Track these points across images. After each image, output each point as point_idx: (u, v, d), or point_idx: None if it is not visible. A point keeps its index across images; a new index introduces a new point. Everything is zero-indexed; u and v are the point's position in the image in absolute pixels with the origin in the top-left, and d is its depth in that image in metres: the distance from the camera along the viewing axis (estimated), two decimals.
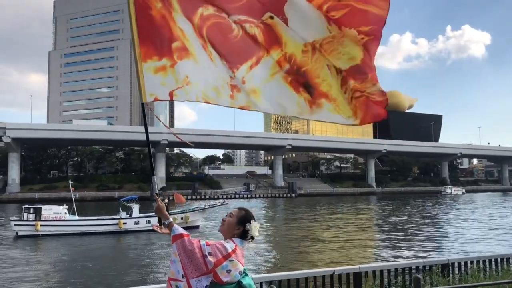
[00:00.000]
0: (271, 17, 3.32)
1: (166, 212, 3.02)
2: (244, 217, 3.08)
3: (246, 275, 2.97)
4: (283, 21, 3.35)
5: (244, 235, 3.05)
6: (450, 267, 7.40)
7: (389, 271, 6.85)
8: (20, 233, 30.56)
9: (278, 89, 3.34)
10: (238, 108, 3.35)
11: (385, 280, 6.73)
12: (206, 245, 2.86)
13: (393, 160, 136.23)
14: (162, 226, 3.02)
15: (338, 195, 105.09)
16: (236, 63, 3.30)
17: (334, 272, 6.15)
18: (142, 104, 3.25)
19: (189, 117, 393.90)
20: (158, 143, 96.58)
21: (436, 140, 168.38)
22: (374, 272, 6.65)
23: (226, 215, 3.16)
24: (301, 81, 3.40)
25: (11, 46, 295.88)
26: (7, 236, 31.11)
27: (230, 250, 2.88)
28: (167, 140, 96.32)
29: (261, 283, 5.51)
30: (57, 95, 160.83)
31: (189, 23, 3.22)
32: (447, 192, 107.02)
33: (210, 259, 2.80)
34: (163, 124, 3.86)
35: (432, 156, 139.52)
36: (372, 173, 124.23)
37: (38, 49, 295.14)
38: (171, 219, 2.99)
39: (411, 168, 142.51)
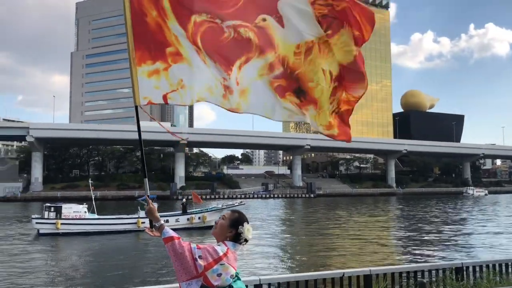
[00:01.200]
0: (264, 19, 3.31)
1: (157, 215, 3.02)
2: (237, 220, 3.03)
3: (238, 279, 2.93)
4: (278, 20, 3.33)
5: (237, 238, 3.00)
6: (465, 271, 7.26)
7: (400, 274, 6.76)
8: (41, 231, 31.09)
9: (265, 92, 3.34)
10: (228, 110, 3.34)
11: (397, 283, 6.65)
12: (197, 248, 2.83)
13: (414, 161, 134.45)
14: (153, 228, 3.01)
15: (357, 195, 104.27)
16: (229, 65, 3.31)
17: (344, 275, 6.08)
18: (136, 107, 3.29)
19: (208, 117, 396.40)
20: (177, 143, 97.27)
21: (458, 140, 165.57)
22: (385, 275, 6.55)
23: (219, 218, 3.12)
24: (294, 86, 3.38)
25: (36, 47, 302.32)
26: (29, 233, 31.72)
27: (221, 254, 2.84)
28: (186, 140, 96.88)
29: (269, 285, 5.49)
30: (79, 95, 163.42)
31: (183, 31, 3.25)
32: (469, 193, 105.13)
33: (200, 262, 2.77)
34: (151, 118, 3.94)
35: (453, 156, 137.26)
36: (392, 174, 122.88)
37: (62, 50, 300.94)
38: (162, 222, 2.98)
39: (432, 168, 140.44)
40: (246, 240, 3.05)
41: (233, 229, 3.00)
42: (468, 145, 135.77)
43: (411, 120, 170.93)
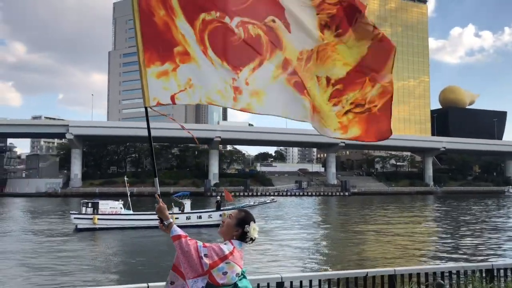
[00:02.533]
0: (273, 21, 3.33)
1: (167, 213, 3.07)
2: (243, 219, 3.07)
3: (244, 277, 2.96)
4: (285, 25, 3.35)
5: (243, 237, 3.04)
6: (495, 273, 7.03)
7: (426, 274, 6.62)
8: (79, 226, 32.09)
9: (283, 91, 3.33)
10: (239, 110, 3.36)
11: (423, 284, 6.52)
12: (203, 246, 2.87)
13: (452, 159, 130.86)
14: (164, 226, 3.07)
15: (393, 194, 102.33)
16: (238, 65, 3.32)
17: (367, 274, 6.01)
18: (146, 108, 3.34)
19: (242, 115, 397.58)
20: (211, 140, 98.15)
21: (500, 137, 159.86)
22: (410, 275, 6.43)
23: (227, 217, 3.16)
24: (304, 84, 3.40)
25: (76, 47, 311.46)
26: (67, 228, 32.80)
27: (227, 252, 2.88)
28: (220, 137, 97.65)
29: (291, 283, 5.49)
30: (116, 93, 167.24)
31: (191, 28, 3.27)
32: (510, 192, 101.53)
33: (206, 260, 2.81)
34: (173, 120, 3.94)
35: (495, 154, 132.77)
36: (429, 172, 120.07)
37: (100, 49, 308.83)
38: (171, 220, 3.04)
39: (471, 166, 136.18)
40: (252, 239, 3.07)
41: (240, 228, 3.04)
42: (511, 143, 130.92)
43: (450, 117, 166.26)
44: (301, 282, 5.73)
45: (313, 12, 3.34)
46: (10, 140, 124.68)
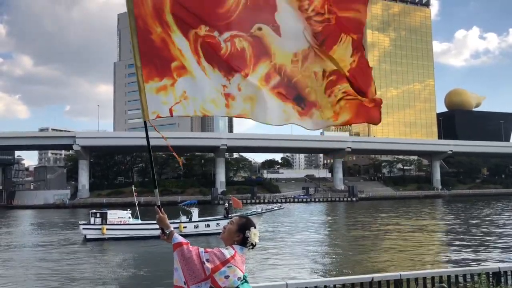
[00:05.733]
0: (259, 29, 3.37)
1: (167, 222, 3.17)
2: (244, 225, 3.15)
3: (246, 282, 3.01)
4: (275, 29, 3.38)
5: (244, 242, 3.11)
6: (502, 276, 7.04)
7: (433, 278, 6.64)
8: (88, 236, 32.22)
9: (267, 97, 3.38)
10: (235, 116, 3.43)
11: None
12: (204, 252, 2.96)
13: (460, 161, 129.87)
14: (165, 236, 3.16)
15: (401, 198, 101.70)
16: (230, 71, 3.38)
17: (373, 279, 6.04)
18: (145, 122, 3.43)
19: (248, 122, 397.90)
20: (217, 148, 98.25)
21: (508, 139, 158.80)
22: (416, 279, 6.45)
23: (228, 223, 3.24)
24: (293, 94, 3.42)
25: (82, 58, 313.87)
26: (76, 239, 32.96)
27: (228, 256, 2.95)
28: (226, 145, 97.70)
29: None
30: (122, 104, 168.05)
31: (185, 40, 3.36)
32: None
33: (208, 265, 2.89)
34: (157, 131, 3.97)
35: (503, 156, 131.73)
36: (437, 175, 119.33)
37: (106, 60, 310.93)
38: (171, 228, 3.14)
39: (479, 169, 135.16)
40: (253, 245, 3.14)
41: (241, 234, 3.12)
42: None
43: (456, 119, 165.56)
44: None
45: (303, 19, 3.39)
46: (17, 153, 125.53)
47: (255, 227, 3.17)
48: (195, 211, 35.26)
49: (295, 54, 3.41)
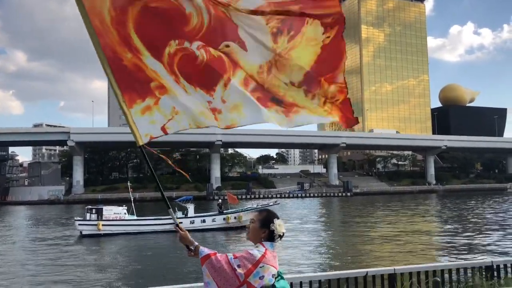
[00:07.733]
0: (227, 46, 3.33)
1: (191, 239, 3.05)
2: (267, 219, 3.06)
3: (282, 278, 2.96)
4: (241, 45, 3.35)
5: (272, 237, 3.02)
6: (495, 270, 7.12)
7: (426, 272, 6.70)
8: (84, 233, 32.21)
9: (251, 100, 3.36)
10: (224, 128, 3.38)
11: (423, 282, 6.59)
12: (234, 258, 2.88)
13: (454, 157, 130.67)
14: (191, 252, 3.04)
15: (396, 193, 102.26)
16: (211, 86, 3.34)
17: (367, 274, 6.10)
18: (140, 147, 3.35)
19: None
20: (212, 143, 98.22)
21: (501, 134, 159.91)
22: (410, 274, 6.51)
23: (249, 222, 3.14)
24: (269, 96, 3.39)
25: (77, 54, 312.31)
26: (72, 235, 32.93)
27: (259, 256, 2.88)
28: (221, 141, 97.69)
29: (291, 284, 5.58)
30: (116, 99, 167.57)
31: (159, 63, 3.30)
32: None
33: (240, 271, 2.82)
34: (154, 152, 3.95)
35: (496, 151, 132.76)
36: (431, 170, 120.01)
37: None
38: (196, 243, 3.03)
39: (473, 164, 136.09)
40: (280, 236, 3.05)
41: (265, 229, 3.02)
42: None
43: (451, 115, 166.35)
44: (301, 282, 5.83)
45: (263, 22, 3.30)
46: (11, 149, 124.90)
47: (278, 218, 3.08)
48: (190, 207, 35.31)
49: (260, 66, 3.36)
